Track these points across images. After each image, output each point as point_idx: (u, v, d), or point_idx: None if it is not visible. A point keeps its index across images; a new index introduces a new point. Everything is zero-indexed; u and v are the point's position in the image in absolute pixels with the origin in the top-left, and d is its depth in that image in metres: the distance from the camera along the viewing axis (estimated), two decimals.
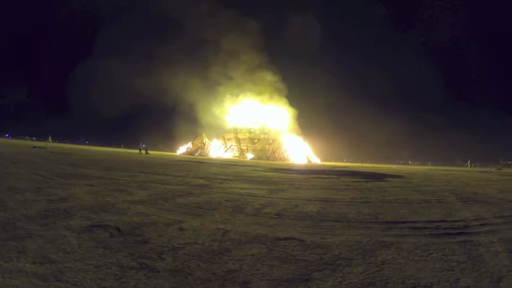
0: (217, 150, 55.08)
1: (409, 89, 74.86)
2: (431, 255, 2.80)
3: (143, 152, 35.52)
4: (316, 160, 53.71)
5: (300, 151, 52.81)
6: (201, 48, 57.52)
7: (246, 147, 54.46)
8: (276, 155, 50.89)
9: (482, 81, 70.80)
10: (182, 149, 56.93)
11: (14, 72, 66.18)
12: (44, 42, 68.51)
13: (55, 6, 63.53)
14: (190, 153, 54.05)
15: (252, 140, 55.04)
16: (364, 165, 38.99)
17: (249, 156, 51.07)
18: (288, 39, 59.31)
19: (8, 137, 61.34)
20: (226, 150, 55.10)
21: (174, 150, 58.09)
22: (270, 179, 10.79)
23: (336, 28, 65.66)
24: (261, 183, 8.77)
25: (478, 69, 68.91)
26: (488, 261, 2.67)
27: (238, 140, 55.62)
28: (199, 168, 15.49)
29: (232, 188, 7.35)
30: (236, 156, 52.09)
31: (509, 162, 46.07)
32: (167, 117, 59.60)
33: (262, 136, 55.17)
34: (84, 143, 67.74)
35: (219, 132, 57.79)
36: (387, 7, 66.45)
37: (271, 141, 53.83)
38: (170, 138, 61.28)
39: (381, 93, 67.94)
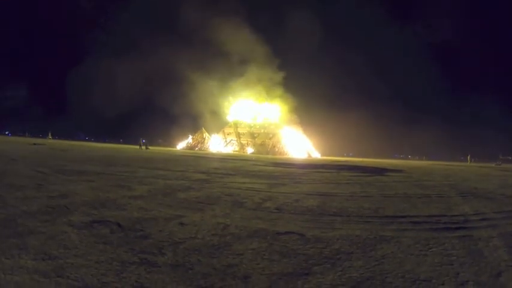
0: (217, 144, 55.10)
1: (409, 85, 74.42)
2: (431, 250, 2.81)
3: (143, 147, 35.53)
4: (316, 154, 53.77)
5: (300, 145, 52.83)
6: (202, 44, 57.16)
7: (246, 142, 54.45)
8: (276, 149, 50.95)
9: (482, 76, 70.50)
10: (182, 144, 56.95)
11: (14, 69, 65.88)
12: (45, 39, 68.08)
13: (56, 4, 62.86)
14: (190, 148, 54.12)
15: (252, 135, 55.01)
16: (364, 159, 39.03)
17: (249, 150, 51.11)
18: (289, 35, 58.91)
19: (8, 134, 61.25)
20: (226, 145, 55.11)
21: (174, 145, 58.09)
22: (270, 173, 10.80)
23: (337, 24, 65.10)
24: (261, 178, 8.78)
25: (477, 66, 68.56)
26: (487, 255, 2.68)
27: (238, 135, 55.59)
28: (199, 163, 15.51)
29: (232, 182, 7.36)
30: (236, 151, 52.13)
31: (509, 158, 46.04)
32: (167, 112, 59.45)
33: (262, 130, 55.11)
34: (84, 140, 67.66)
35: (219, 126, 57.75)
36: (387, 5, 65.72)
37: (271, 135, 53.80)
38: (170, 133, 61.25)
39: (382, 89, 67.66)
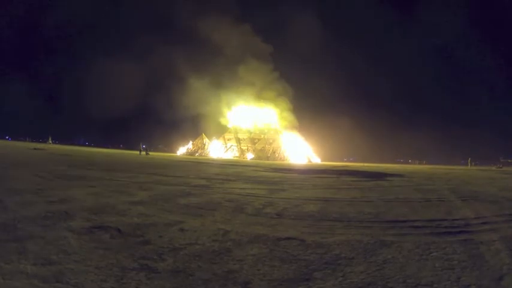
0: (217, 150, 55.09)
1: (410, 88, 74.61)
2: (432, 254, 2.79)
3: (143, 152, 35.54)
4: (316, 160, 53.71)
5: (301, 151, 52.82)
6: (201, 47, 57.50)
7: (246, 147, 54.45)
8: (276, 155, 50.88)
9: (483, 79, 70.76)
10: (182, 150, 56.95)
11: (13, 73, 66.15)
12: (44, 42, 68.48)
13: (54, 5, 63.25)
14: (191, 153, 54.09)
15: (252, 140, 55.03)
16: (365, 164, 38.98)
17: (249, 156, 51.08)
18: (289, 38, 59.15)
19: (8, 139, 61.30)
20: (226, 151, 55.11)
21: (174, 150, 58.07)
22: (271, 179, 10.79)
23: (338, 27, 65.40)
24: (262, 183, 8.77)
25: (479, 68, 68.88)
26: (489, 259, 2.67)
27: (238, 140, 55.62)
28: (199, 168, 15.50)
29: (232, 188, 7.35)
30: (236, 157, 52.10)
31: (510, 161, 45.94)
32: (167, 118, 59.53)
33: (262, 136, 55.14)
34: (84, 145, 67.68)
35: (219, 132, 57.79)
36: (388, 6, 66.16)
37: (271, 141, 53.82)
38: (171, 139, 61.23)
39: (382, 93, 67.77)
